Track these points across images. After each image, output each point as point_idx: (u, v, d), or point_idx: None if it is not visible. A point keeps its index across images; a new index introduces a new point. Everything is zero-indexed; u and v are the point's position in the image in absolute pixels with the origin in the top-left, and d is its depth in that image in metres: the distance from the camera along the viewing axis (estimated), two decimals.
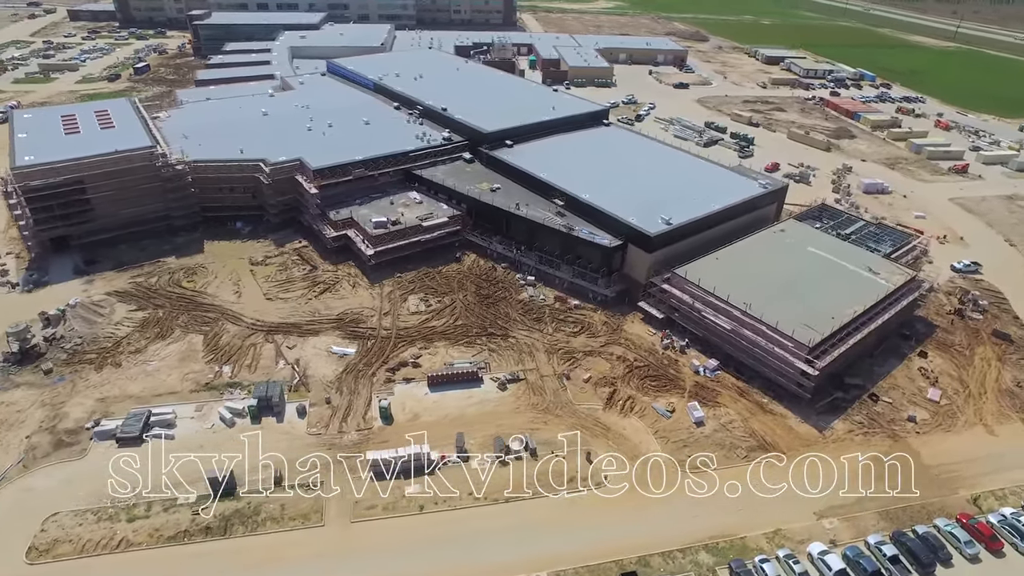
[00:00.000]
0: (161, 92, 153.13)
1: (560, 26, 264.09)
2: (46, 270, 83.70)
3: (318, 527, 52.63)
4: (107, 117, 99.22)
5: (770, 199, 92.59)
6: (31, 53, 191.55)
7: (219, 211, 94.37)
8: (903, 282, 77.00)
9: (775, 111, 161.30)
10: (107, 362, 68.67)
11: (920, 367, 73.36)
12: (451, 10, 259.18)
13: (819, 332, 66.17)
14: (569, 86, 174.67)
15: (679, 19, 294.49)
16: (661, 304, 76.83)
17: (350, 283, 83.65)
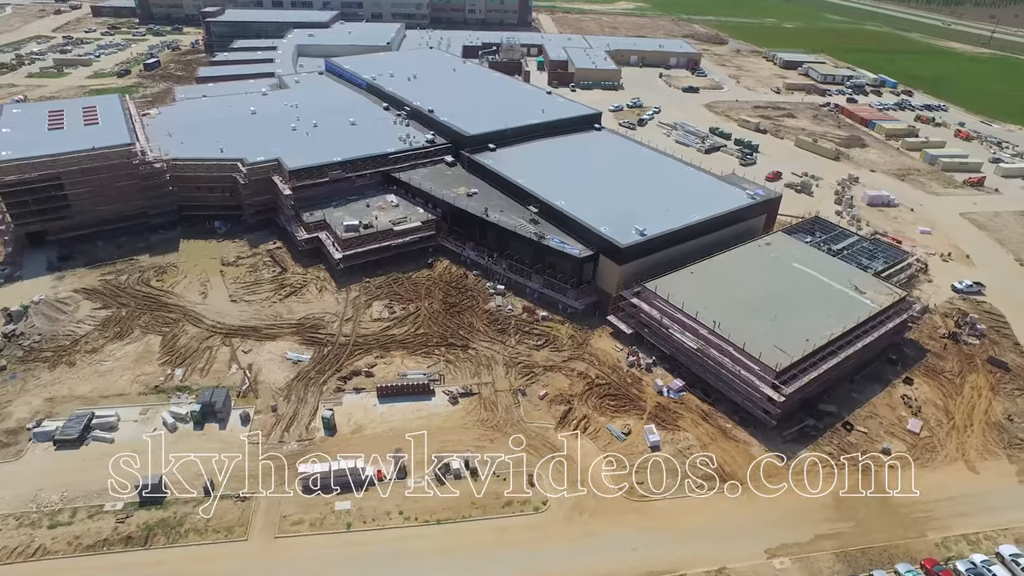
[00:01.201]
0: (165, 88, 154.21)
1: (576, 27, 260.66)
2: (20, 265, 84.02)
3: (241, 541, 51.06)
4: (94, 113, 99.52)
5: (758, 210, 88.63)
6: (50, 48, 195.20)
7: (198, 210, 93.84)
8: (890, 303, 72.68)
9: (786, 117, 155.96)
10: (61, 361, 68.25)
11: (903, 395, 69.05)
12: (466, 9, 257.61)
13: (789, 355, 62.48)
14: (575, 88, 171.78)
15: (700, 21, 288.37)
16: (631, 319, 73.74)
17: (317, 287, 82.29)
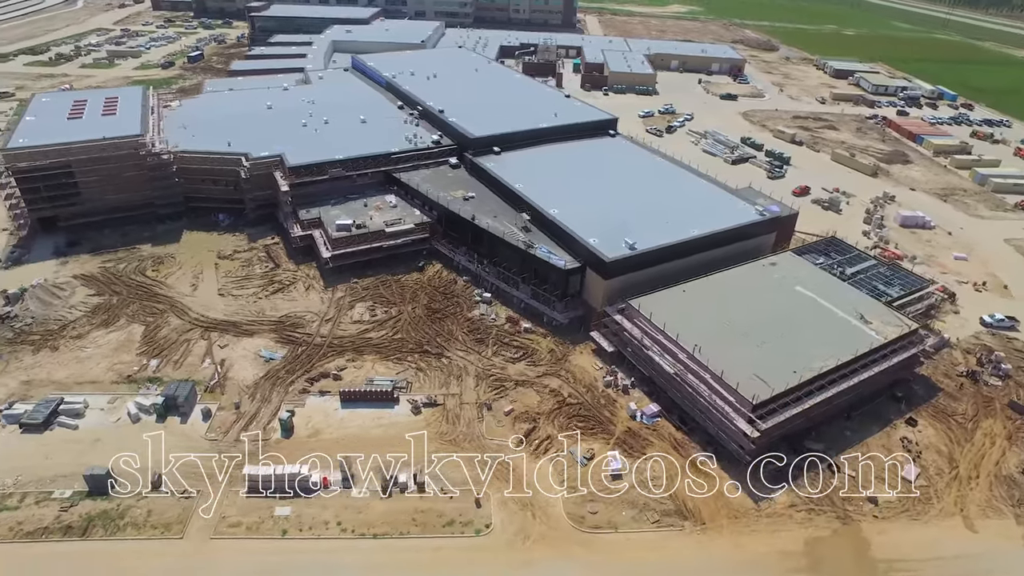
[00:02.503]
0: (200, 81, 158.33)
1: (623, 30, 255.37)
2: (29, 248, 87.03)
3: (176, 539, 50.61)
4: (114, 104, 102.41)
5: (767, 227, 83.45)
6: (106, 40, 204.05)
7: (203, 202, 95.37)
8: (898, 335, 66.88)
9: (826, 129, 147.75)
10: (46, 345, 69.93)
11: (903, 437, 63.30)
12: (510, 9, 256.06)
13: (770, 387, 58.01)
14: (608, 92, 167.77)
15: (754, 27, 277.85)
16: (614, 336, 70.35)
17: (305, 285, 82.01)
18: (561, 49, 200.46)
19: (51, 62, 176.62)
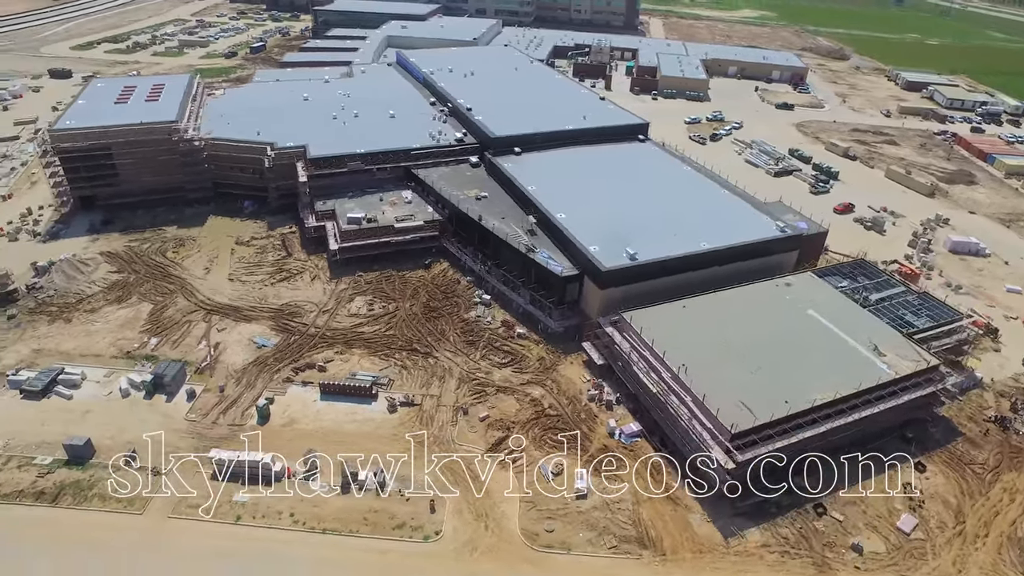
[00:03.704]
0: (255, 71, 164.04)
1: (686, 34, 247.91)
2: (68, 224, 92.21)
3: (136, 515, 52.05)
4: (159, 91, 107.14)
5: (786, 245, 78.46)
6: (181, 30, 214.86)
7: (231, 188, 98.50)
8: (912, 370, 61.36)
9: (886, 144, 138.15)
10: (61, 316, 73.72)
11: (907, 483, 57.92)
12: (571, 9, 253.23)
13: (754, 416, 54.28)
14: (656, 96, 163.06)
15: (828, 34, 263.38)
16: (605, 349, 67.79)
17: (312, 275, 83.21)
18: (616, 51, 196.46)
19: (128, 50, 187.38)
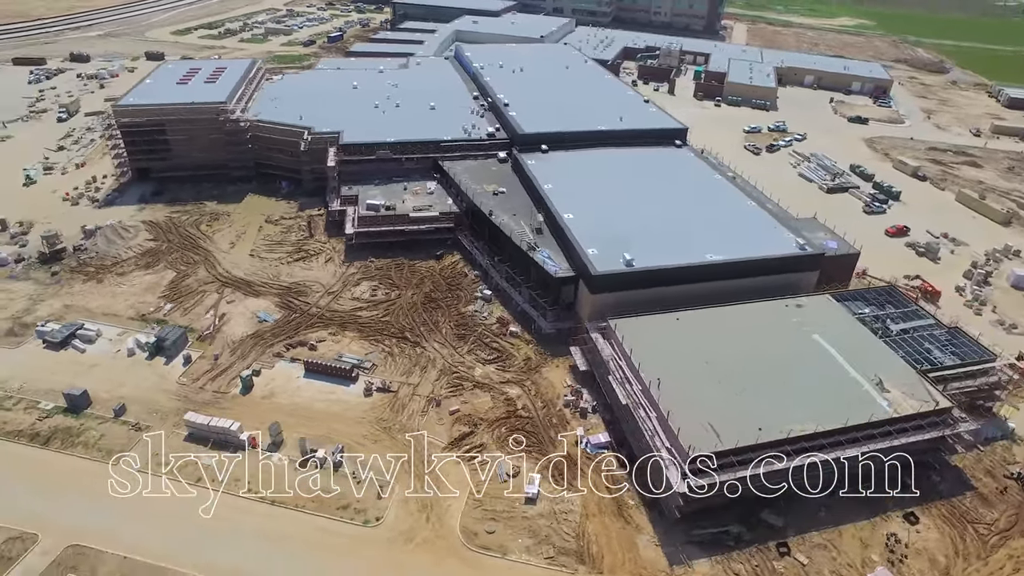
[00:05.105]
0: (328, 59, 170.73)
1: (770, 40, 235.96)
2: (123, 193, 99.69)
3: (109, 464, 55.55)
4: (219, 74, 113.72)
5: (805, 263, 73.07)
6: (270, 18, 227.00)
7: (271, 169, 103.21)
8: (916, 411, 55.81)
9: (966, 165, 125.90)
10: (94, 277, 79.80)
11: (892, 533, 52.76)
12: (651, 11, 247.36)
13: (719, 441, 51.12)
14: (720, 102, 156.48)
15: (930, 45, 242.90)
16: (591, 355, 65.87)
17: (327, 257, 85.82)
18: (687, 55, 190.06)
19: (219, 36, 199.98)
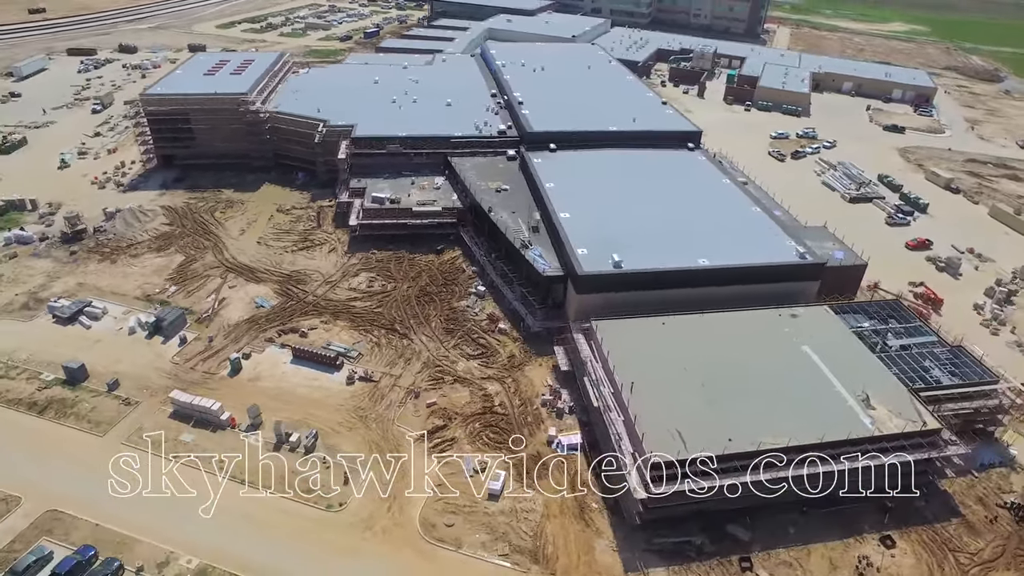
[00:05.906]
0: (358, 54, 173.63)
1: (814, 45, 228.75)
2: (147, 179, 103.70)
3: (96, 436, 58.02)
4: (246, 66, 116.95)
5: (804, 273, 70.82)
6: (312, 13, 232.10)
7: (289, 160, 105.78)
8: (900, 431, 53.52)
9: (1005, 179, 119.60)
10: (109, 257, 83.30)
11: (863, 555, 50.75)
12: (691, 13, 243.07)
13: (686, 449, 50.10)
14: (750, 107, 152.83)
15: (986, 52, 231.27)
16: (573, 355, 65.41)
17: (330, 248, 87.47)
18: (723, 58, 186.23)
19: (261, 30, 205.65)
